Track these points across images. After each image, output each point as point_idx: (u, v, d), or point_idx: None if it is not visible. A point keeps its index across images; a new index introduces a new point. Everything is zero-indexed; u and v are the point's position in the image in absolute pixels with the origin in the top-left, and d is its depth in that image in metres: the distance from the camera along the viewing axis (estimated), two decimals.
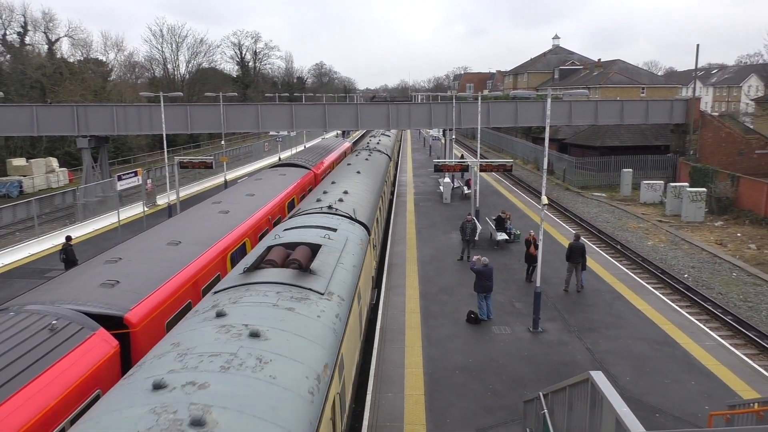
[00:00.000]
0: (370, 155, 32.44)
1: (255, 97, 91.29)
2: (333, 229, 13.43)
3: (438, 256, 23.14)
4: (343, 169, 25.31)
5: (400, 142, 74.95)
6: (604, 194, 41.58)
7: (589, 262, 20.31)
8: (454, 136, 41.27)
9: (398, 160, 57.44)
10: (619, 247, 27.42)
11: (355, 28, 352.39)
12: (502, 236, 24.52)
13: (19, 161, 47.82)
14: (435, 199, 35.75)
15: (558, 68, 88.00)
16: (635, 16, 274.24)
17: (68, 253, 19.51)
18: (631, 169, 41.98)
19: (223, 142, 45.64)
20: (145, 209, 31.25)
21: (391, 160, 39.59)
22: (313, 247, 11.72)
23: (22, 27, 65.45)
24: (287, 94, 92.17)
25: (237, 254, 15.01)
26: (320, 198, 17.51)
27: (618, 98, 50.30)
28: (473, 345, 15.08)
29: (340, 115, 39.96)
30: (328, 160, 34.20)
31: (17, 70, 57.35)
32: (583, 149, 49.99)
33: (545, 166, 16.89)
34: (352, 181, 21.58)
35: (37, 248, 24.35)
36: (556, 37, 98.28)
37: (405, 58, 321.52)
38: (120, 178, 28.41)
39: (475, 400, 12.34)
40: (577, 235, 20.25)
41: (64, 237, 20.87)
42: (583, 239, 22.16)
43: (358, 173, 23.92)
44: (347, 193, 18.74)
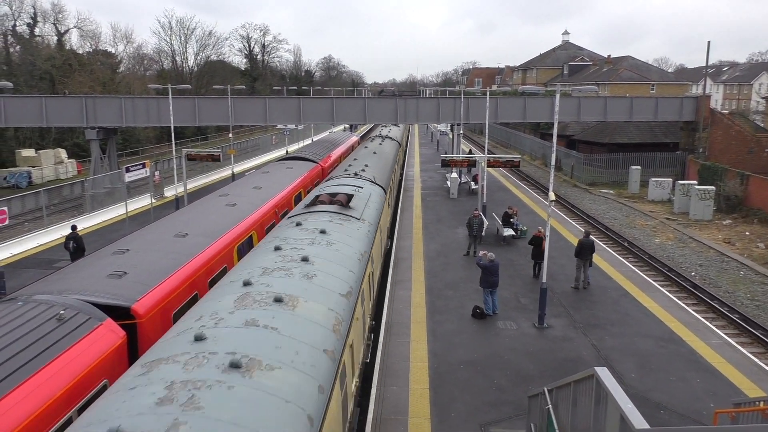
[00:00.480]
0: (383, 141, 37.01)
1: (263, 90, 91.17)
2: (360, 187, 18.28)
3: (444, 252, 23.14)
4: (362, 151, 31.59)
5: (408, 134, 79.19)
6: (612, 191, 41.39)
7: (596, 259, 20.24)
8: (462, 131, 41.11)
9: (406, 149, 60.65)
10: (626, 244, 27.32)
11: (364, 22, 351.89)
12: (508, 232, 24.48)
13: (28, 152, 48.06)
14: (442, 194, 35.71)
15: (567, 64, 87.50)
16: (646, 12, 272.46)
17: (78, 241, 19.66)
18: (639, 167, 41.70)
19: (230, 135, 45.58)
20: (153, 201, 31.36)
21: (401, 147, 46.04)
22: (348, 196, 16.33)
23: (32, 18, 65.75)
24: (295, 88, 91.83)
25: (244, 247, 15.02)
26: (347, 168, 22.99)
27: (627, 95, 49.94)
28: (478, 340, 15.10)
29: (348, 109, 39.94)
30: (336, 153, 34.23)
31: (27, 61, 57.58)
32: (592, 146, 49.67)
33: (553, 162, 16.84)
34: (371, 159, 26.83)
35: (45, 239, 24.54)
36: (566, 33, 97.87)
37: (413, 53, 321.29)
38: (128, 170, 28.53)
39: (480, 395, 12.37)
40: (587, 232, 20.18)
41: (70, 227, 20.99)
42: (592, 236, 22.07)
43: (374, 153, 29.47)
44: (368, 165, 23.90)
